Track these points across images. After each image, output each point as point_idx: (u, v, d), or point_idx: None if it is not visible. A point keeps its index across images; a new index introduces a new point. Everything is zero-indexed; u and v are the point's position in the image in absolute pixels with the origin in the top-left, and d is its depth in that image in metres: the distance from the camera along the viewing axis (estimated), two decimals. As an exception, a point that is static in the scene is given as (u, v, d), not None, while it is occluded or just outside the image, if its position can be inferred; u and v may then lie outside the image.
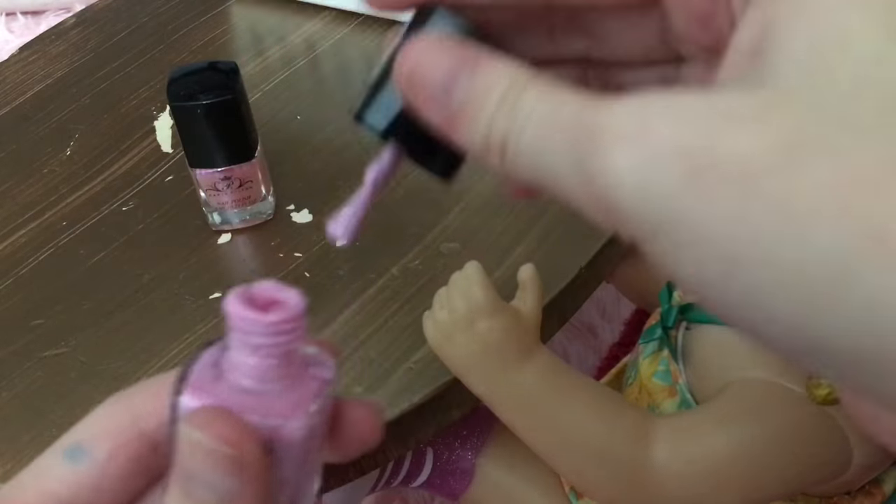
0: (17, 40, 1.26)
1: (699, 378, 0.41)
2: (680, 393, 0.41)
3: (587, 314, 0.86)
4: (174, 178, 0.54)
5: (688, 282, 0.14)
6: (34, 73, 0.65)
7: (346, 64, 0.63)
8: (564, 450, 0.38)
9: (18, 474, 0.19)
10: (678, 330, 0.44)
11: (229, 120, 0.44)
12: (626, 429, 0.37)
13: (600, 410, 0.37)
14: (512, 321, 0.37)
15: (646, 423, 0.37)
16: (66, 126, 0.60)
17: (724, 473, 0.36)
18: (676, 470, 0.36)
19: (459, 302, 0.36)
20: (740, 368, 0.38)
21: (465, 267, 0.37)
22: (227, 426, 0.18)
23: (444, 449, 0.54)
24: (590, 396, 0.38)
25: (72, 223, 0.51)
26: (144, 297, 0.46)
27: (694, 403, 0.41)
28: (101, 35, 0.69)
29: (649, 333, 0.46)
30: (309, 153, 0.55)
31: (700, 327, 0.42)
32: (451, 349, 0.37)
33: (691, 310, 0.43)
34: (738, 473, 0.36)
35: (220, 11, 0.70)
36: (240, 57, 0.64)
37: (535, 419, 0.38)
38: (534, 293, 0.38)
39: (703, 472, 0.36)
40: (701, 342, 0.42)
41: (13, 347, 0.45)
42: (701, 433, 0.37)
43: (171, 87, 0.43)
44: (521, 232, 0.48)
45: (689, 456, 0.36)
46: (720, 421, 0.37)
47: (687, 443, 0.36)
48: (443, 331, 0.37)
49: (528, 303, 0.38)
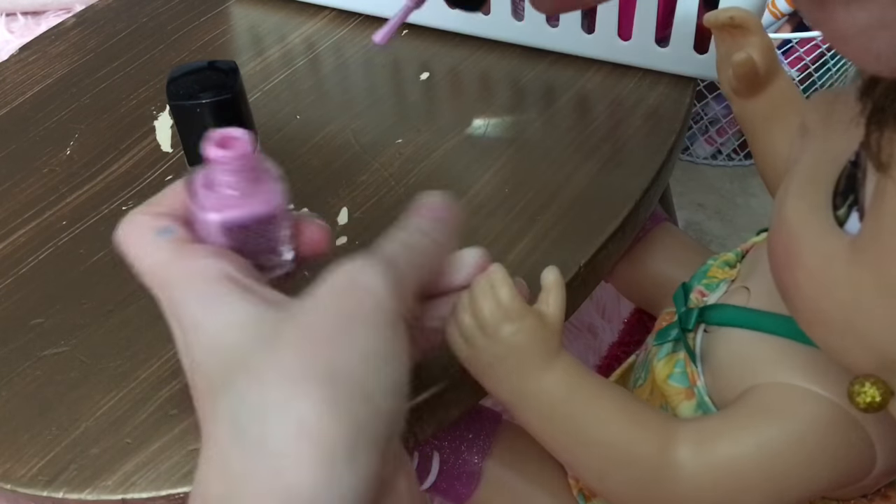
0: (17, 40, 1.26)
1: (718, 381, 0.41)
2: (698, 395, 0.41)
3: (587, 314, 0.86)
4: (174, 178, 0.54)
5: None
6: (34, 73, 0.66)
7: (346, 64, 0.63)
8: (588, 454, 0.37)
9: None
10: (696, 332, 0.43)
11: (229, 119, 0.44)
12: (651, 432, 0.37)
13: (625, 414, 0.37)
14: (537, 324, 0.36)
15: (669, 426, 0.37)
16: (66, 126, 0.60)
17: (748, 478, 0.35)
18: (700, 474, 0.36)
19: (484, 305, 0.36)
20: (763, 372, 0.38)
21: (488, 269, 0.37)
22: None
23: (450, 453, 0.54)
24: (614, 400, 0.37)
25: (72, 222, 0.52)
26: (144, 295, 0.46)
27: (712, 406, 0.40)
28: (100, 35, 0.69)
29: (663, 335, 0.45)
30: (308, 153, 0.55)
31: (720, 330, 0.42)
32: (474, 353, 0.37)
33: (711, 312, 0.42)
34: (761, 478, 0.35)
35: (219, 11, 0.70)
36: (240, 57, 0.65)
37: (560, 423, 0.37)
38: (557, 296, 0.37)
39: (726, 476, 0.36)
40: (721, 345, 0.41)
41: (13, 346, 0.45)
42: (725, 437, 0.36)
43: (170, 87, 0.43)
44: (520, 231, 0.48)
45: (713, 460, 0.36)
46: (744, 425, 0.36)
47: (711, 447, 0.36)
48: (466, 334, 0.36)
49: (551, 306, 0.37)
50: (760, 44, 0.44)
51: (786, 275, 0.30)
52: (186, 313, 0.29)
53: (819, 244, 0.28)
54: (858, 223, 0.27)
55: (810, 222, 0.29)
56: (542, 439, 0.39)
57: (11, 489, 0.39)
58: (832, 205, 0.28)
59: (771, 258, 0.32)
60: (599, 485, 0.38)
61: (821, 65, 1.03)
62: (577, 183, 0.50)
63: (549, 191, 0.50)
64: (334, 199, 0.51)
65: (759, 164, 0.48)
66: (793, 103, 0.47)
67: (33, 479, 0.39)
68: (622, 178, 0.51)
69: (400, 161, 0.54)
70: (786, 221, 0.30)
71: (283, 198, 0.34)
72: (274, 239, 0.35)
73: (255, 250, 0.34)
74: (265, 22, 0.68)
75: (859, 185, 0.27)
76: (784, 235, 0.30)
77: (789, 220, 0.29)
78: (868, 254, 0.26)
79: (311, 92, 0.60)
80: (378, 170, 0.53)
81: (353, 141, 0.56)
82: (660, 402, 0.43)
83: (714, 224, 1.11)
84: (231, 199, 0.32)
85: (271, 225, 0.34)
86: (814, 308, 0.30)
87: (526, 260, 0.46)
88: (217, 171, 0.32)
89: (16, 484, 0.39)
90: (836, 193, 0.28)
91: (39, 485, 0.38)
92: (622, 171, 0.51)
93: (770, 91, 0.46)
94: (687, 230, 1.09)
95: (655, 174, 0.51)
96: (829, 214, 0.28)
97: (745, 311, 0.40)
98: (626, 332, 0.72)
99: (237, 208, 0.32)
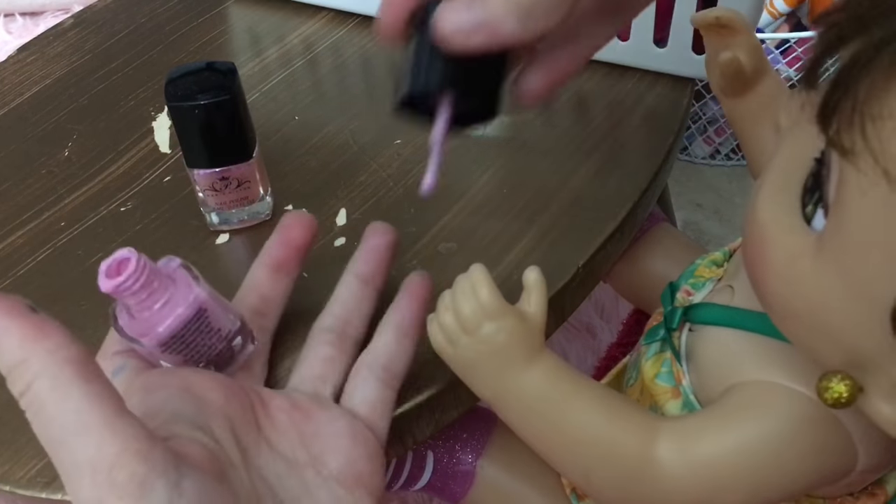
0: (15, 41, 1.25)
1: (703, 379, 0.41)
2: (683, 394, 0.41)
3: (585, 314, 0.86)
4: (172, 179, 0.54)
5: None
6: (32, 73, 0.65)
7: (344, 64, 0.63)
8: (571, 452, 0.38)
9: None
10: (681, 331, 0.43)
11: (227, 120, 0.44)
12: (633, 430, 0.37)
13: (608, 412, 0.37)
14: (518, 323, 0.36)
15: (651, 424, 0.37)
16: (65, 127, 0.60)
17: (729, 475, 0.36)
18: (681, 471, 0.36)
19: (465, 304, 0.36)
20: (745, 371, 0.38)
21: (469, 269, 0.37)
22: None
23: (445, 452, 0.54)
24: (597, 398, 0.37)
25: (70, 224, 0.52)
26: (143, 297, 0.46)
27: (697, 405, 0.40)
28: (99, 36, 0.69)
29: (652, 334, 0.45)
30: (307, 153, 0.55)
31: (704, 329, 0.42)
32: (456, 352, 0.37)
33: (695, 311, 0.43)
34: (742, 476, 0.35)
35: (218, 12, 0.70)
36: (238, 57, 0.65)
37: (542, 421, 0.38)
38: (538, 295, 0.37)
39: (707, 473, 0.36)
40: (705, 344, 0.41)
41: (11, 348, 0.44)
42: (706, 435, 0.36)
43: (168, 88, 0.43)
44: (518, 231, 0.48)
45: (694, 458, 0.36)
46: (725, 423, 0.37)
47: (692, 444, 0.36)
48: (448, 333, 0.37)
49: (532, 305, 0.37)
50: (747, 43, 0.44)
51: (756, 272, 0.31)
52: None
53: (786, 242, 0.29)
54: (823, 220, 0.27)
55: (779, 221, 0.29)
56: (526, 437, 0.39)
57: (10, 491, 0.39)
58: (801, 203, 0.28)
59: (744, 255, 0.32)
60: (583, 482, 0.38)
61: (819, 65, 1.03)
62: (576, 183, 0.50)
63: (548, 191, 0.50)
64: (333, 200, 0.51)
65: (749, 162, 0.49)
66: (781, 102, 0.47)
67: (32, 481, 0.39)
68: (620, 178, 0.51)
69: (399, 161, 0.54)
70: (756, 220, 0.30)
71: (200, 289, 0.33)
72: (217, 329, 0.34)
73: (206, 347, 0.34)
74: (263, 23, 0.68)
75: (824, 181, 0.27)
76: (755, 234, 0.30)
77: (760, 218, 0.30)
78: (832, 249, 0.27)
79: (310, 92, 0.61)
80: (377, 170, 0.53)
81: (351, 141, 0.56)
82: (649, 402, 0.43)
83: (712, 224, 1.11)
84: (150, 317, 0.32)
85: (203, 320, 0.33)
86: (783, 305, 0.30)
87: (524, 260, 0.46)
88: (123, 298, 0.31)
89: (15, 485, 0.39)
90: (804, 192, 0.28)
91: (38, 486, 0.38)
92: (620, 172, 0.51)
93: (758, 90, 0.46)
94: (685, 230, 1.09)
95: (654, 174, 0.51)
96: (798, 213, 0.28)
97: (729, 310, 0.40)
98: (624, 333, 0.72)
99: (159, 324, 0.32)
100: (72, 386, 0.24)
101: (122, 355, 0.34)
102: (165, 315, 0.32)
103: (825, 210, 0.27)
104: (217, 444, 0.30)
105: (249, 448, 0.32)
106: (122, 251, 0.30)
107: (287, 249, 0.41)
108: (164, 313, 0.32)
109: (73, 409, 0.24)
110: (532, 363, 0.37)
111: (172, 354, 0.33)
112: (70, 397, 0.24)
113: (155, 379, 0.33)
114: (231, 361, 0.36)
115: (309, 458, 0.33)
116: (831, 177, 0.27)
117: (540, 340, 0.37)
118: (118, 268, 0.30)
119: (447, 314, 0.37)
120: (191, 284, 0.33)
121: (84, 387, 0.25)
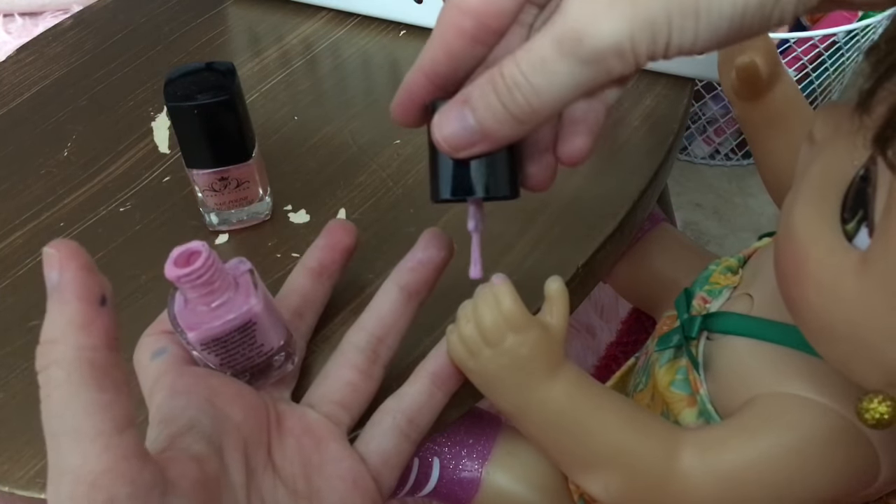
0: (14, 41, 1.25)
1: (721, 389, 0.40)
2: (700, 403, 0.41)
3: (585, 314, 0.86)
4: (171, 179, 0.54)
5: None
6: (31, 74, 0.65)
7: (343, 64, 0.63)
8: (593, 464, 0.37)
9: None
10: (699, 340, 0.43)
11: (226, 120, 0.44)
12: (656, 442, 0.36)
13: (630, 423, 0.37)
14: (541, 335, 0.35)
15: (674, 436, 0.37)
16: (64, 127, 0.60)
17: (752, 487, 0.35)
18: (704, 483, 0.36)
19: (487, 315, 0.35)
20: (767, 382, 0.37)
21: (491, 278, 0.36)
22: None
23: (451, 458, 0.54)
24: (619, 409, 0.37)
25: (69, 224, 0.51)
26: (142, 297, 0.46)
27: (714, 413, 0.40)
28: (98, 36, 0.69)
29: (665, 341, 0.45)
30: (306, 153, 0.55)
31: (723, 338, 0.41)
32: (478, 364, 0.36)
33: (715, 320, 0.42)
34: (766, 487, 0.35)
35: (217, 12, 0.70)
36: (237, 58, 0.65)
37: (564, 434, 0.37)
38: (561, 307, 0.36)
39: (730, 485, 0.36)
40: (724, 353, 0.41)
41: (10, 348, 0.44)
42: (729, 447, 0.36)
43: (167, 88, 0.43)
44: (518, 232, 0.48)
45: (717, 469, 0.36)
46: (748, 435, 0.36)
47: (715, 456, 0.36)
48: (469, 345, 0.36)
49: (555, 316, 0.36)
50: (764, 47, 0.44)
51: (793, 289, 0.30)
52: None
53: (828, 259, 0.28)
54: (868, 238, 0.27)
55: (819, 236, 0.28)
56: (546, 450, 0.38)
57: (9, 491, 0.39)
58: (840, 218, 0.28)
59: (777, 271, 0.31)
60: (604, 494, 0.37)
61: (818, 65, 1.03)
62: (576, 183, 0.50)
63: (548, 191, 0.50)
64: (332, 200, 0.51)
65: (759, 166, 0.48)
66: (796, 108, 0.46)
67: (31, 482, 0.39)
68: (620, 178, 0.51)
69: (398, 161, 0.54)
70: (794, 235, 0.29)
71: (257, 300, 0.32)
72: (260, 344, 0.34)
73: (244, 357, 0.34)
74: (262, 23, 0.68)
75: (869, 200, 0.26)
76: (792, 249, 0.29)
77: (797, 233, 0.29)
78: (878, 269, 0.26)
79: (309, 93, 0.60)
80: (376, 170, 0.53)
81: (350, 141, 0.56)
82: (661, 409, 0.43)
83: (712, 224, 1.11)
84: (203, 313, 0.32)
85: (249, 332, 0.33)
86: (822, 323, 0.29)
87: (524, 260, 0.46)
88: (182, 288, 0.31)
89: (14, 486, 0.39)
90: (844, 207, 0.28)
91: (37, 487, 0.38)
92: (620, 172, 0.51)
93: (773, 94, 0.46)
94: (685, 230, 1.09)
95: (653, 174, 0.51)
96: (838, 228, 0.28)
97: (749, 320, 0.40)
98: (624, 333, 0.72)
99: (207, 323, 0.32)
100: (81, 387, 0.24)
101: (167, 336, 0.35)
102: (217, 316, 0.32)
103: (870, 229, 0.27)
104: (221, 464, 0.30)
105: (257, 470, 0.32)
106: (195, 243, 0.31)
107: (332, 253, 0.41)
108: (215, 314, 0.32)
109: (75, 411, 0.24)
110: (554, 376, 0.36)
111: (210, 354, 0.33)
112: (77, 398, 0.24)
113: (183, 381, 0.33)
114: (266, 375, 0.36)
115: (308, 491, 0.33)
116: (878, 195, 0.26)
117: (561, 352, 0.36)
118: (188, 259, 0.31)
119: (468, 325, 0.36)
120: (250, 294, 0.32)
121: (93, 394, 0.24)
